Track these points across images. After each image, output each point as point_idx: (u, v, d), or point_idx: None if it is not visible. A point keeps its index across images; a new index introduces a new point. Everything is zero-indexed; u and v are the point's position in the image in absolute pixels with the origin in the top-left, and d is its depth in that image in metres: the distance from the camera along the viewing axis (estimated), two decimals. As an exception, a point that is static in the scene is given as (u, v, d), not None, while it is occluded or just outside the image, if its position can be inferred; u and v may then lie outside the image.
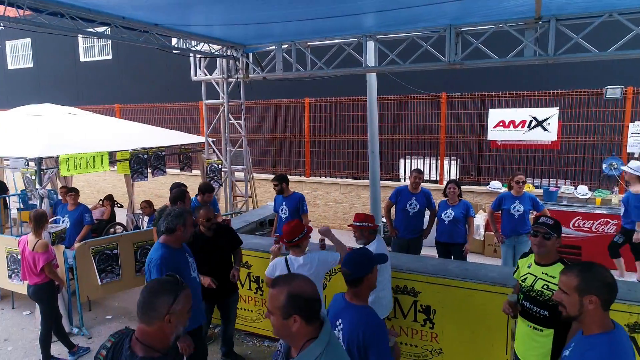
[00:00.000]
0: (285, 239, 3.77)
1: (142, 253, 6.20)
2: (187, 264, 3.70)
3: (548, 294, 2.93)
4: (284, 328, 1.87)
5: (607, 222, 6.95)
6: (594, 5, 4.73)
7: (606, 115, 7.60)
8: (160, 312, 1.92)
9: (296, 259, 3.76)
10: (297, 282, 1.90)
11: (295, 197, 6.25)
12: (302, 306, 1.84)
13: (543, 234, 2.98)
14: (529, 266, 3.18)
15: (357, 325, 2.39)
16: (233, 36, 6.34)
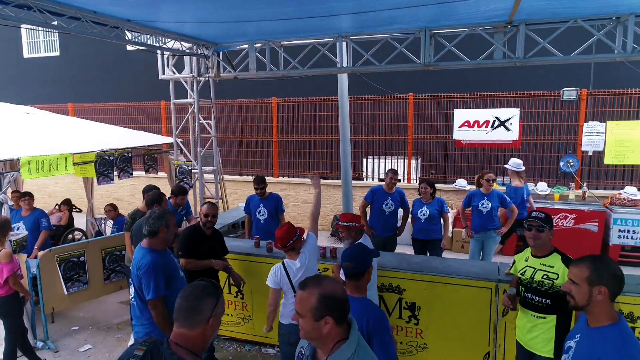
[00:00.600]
0: (279, 244, 3.70)
1: (111, 260, 5.92)
2: (175, 265, 3.58)
3: (548, 283, 3.11)
4: (314, 330, 1.84)
5: (566, 217, 7.36)
6: (561, 12, 4.99)
7: (563, 116, 8.05)
8: (205, 315, 1.91)
9: (293, 263, 3.70)
10: (328, 283, 1.89)
11: (274, 198, 6.18)
12: (333, 307, 1.83)
13: (537, 227, 3.16)
14: (526, 260, 3.34)
15: (361, 316, 2.41)
16: (205, 34, 6.18)
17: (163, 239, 3.44)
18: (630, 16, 4.90)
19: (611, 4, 4.76)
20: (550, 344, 3.11)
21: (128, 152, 6.75)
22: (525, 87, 8.42)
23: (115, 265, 5.94)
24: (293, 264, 3.67)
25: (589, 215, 7.23)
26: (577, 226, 7.29)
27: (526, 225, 3.23)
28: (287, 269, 3.65)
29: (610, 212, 7.16)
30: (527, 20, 5.23)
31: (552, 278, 3.10)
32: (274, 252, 5.09)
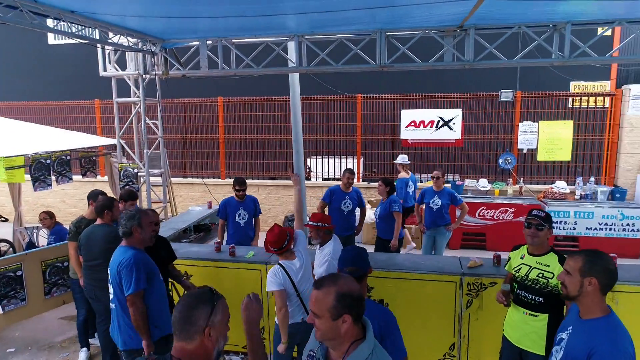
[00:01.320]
0: (274, 248, 3.59)
1: (53, 272, 5.44)
2: (155, 266, 3.41)
3: (543, 282, 3.18)
4: (332, 330, 1.81)
5: (506, 211, 7.85)
6: (506, 18, 5.31)
7: (500, 116, 8.58)
8: (199, 325, 1.79)
9: (292, 263, 3.61)
10: (344, 281, 1.86)
11: (252, 200, 6.00)
12: (351, 305, 1.81)
13: (536, 225, 3.20)
14: (521, 257, 3.40)
15: (371, 319, 2.39)
16: (152, 29, 5.84)
17: (139, 238, 3.42)
18: (567, 24, 5.32)
19: (548, 12, 5.14)
20: (541, 341, 3.18)
21: (66, 154, 6.23)
22: (466, 88, 8.87)
23: (57, 279, 5.46)
24: (292, 265, 3.59)
25: (526, 208, 7.75)
26: (516, 219, 7.80)
27: (526, 223, 3.27)
28: (287, 270, 3.55)
29: (544, 205, 7.74)
30: (477, 25, 5.50)
31: (547, 277, 3.16)
32: (237, 256, 4.95)
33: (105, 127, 10.16)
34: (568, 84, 10.27)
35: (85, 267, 4.62)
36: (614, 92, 8.33)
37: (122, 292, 3.35)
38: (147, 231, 3.45)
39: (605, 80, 10.59)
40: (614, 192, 7.74)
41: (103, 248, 4.47)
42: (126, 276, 3.27)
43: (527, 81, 9.71)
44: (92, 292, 4.61)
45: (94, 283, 4.57)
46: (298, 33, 6.04)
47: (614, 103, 8.21)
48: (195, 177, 9.92)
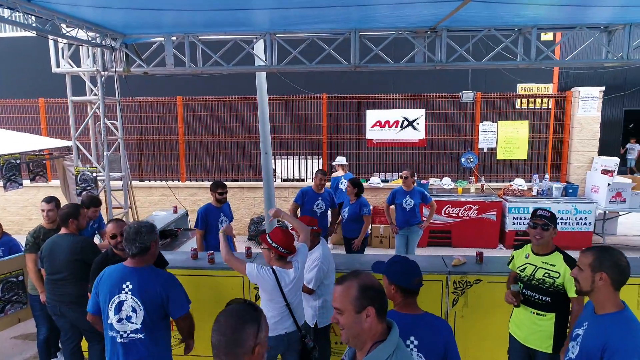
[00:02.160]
0: (283, 248, 3.39)
1: (6, 288, 4.94)
2: None
3: (549, 282, 3.18)
4: (355, 324, 1.77)
5: (470, 208, 8.10)
6: (478, 21, 5.44)
7: (462, 116, 8.84)
8: (249, 345, 1.66)
9: (286, 272, 3.40)
10: (364, 275, 1.86)
11: (227, 205, 5.70)
12: (374, 297, 1.79)
13: (542, 226, 3.19)
14: (526, 256, 3.39)
15: (438, 334, 2.34)
16: (112, 23, 5.44)
17: (153, 253, 3.07)
18: (533, 28, 5.54)
19: (516, 15, 5.33)
20: (549, 340, 3.21)
21: (16, 158, 5.69)
22: (429, 89, 9.07)
23: (12, 295, 4.96)
24: (286, 273, 3.40)
25: (489, 205, 8.05)
26: (479, 216, 8.06)
27: (531, 223, 3.26)
28: (277, 275, 3.37)
29: (505, 202, 8.06)
30: (449, 27, 5.59)
31: (553, 277, 3.16)
32: (216, 263, 4.72)
33: (51, 127, 9.43)
34: (515, 86, 10.81)
35: (49, 282, 4.22)
36: (565, 94, 8.82)
37: (162, 317, 2.99)
38: (157, 247, 3.10)
39: (548, 83, 11.24)
40: (567, 188, 8.20)
41: (68, 260, 4.11)
42: (177, 296, 3.00)
43: (478, 83, 10.11)
44: (57, 309, 4.22)
45: (59, 298, 4.19)
46: (270, 31, 5.87)
47: (565, 104, 8.70)
48: (153, 180, 9.44)
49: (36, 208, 9.46)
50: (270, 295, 3.44)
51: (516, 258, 3.56)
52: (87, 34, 5.31)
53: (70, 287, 4.16)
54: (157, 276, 2.99)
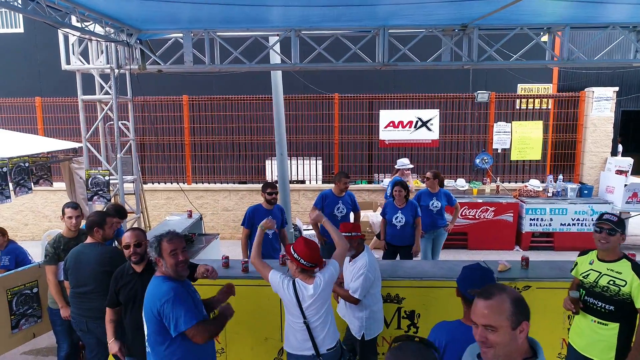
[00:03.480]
0: (305, 261, 3.13)
1: (20, 301, 4.59)
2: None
3: (614, 290, 3.03)
4: (511, 342, 1.67)
5: (487, 209, 7.99)
6: (511, 19, 5.30)
7: (476, 117, 8.73)
8: None
9: (305, 287, 3.14)
10: (510, 288, 1.77)
11: (278, 209, 5.44)
12: (527, 311, 1.71)
13: (608, 230, 3.06)
14: (590, 262, 3.26)
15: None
16: (127, 17, 5.12)
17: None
18: (565, 27, 5.43)
19: (551, 13, 5.22)
20: (611, 352, 3.06)
21: (25, 161, 5.32)
22: (443, 89, 8.95)
23: (26, 308, 4.61)
24: (305, 289, 3.12)
25: (506, 207, 7.96)
26: (496, 217, 7.96)
27: (597, 227, 3.14)
28: (297, 289, 3.13)
29: (522, 203, 7.98)
30: (480, 25, 5.44)
31: (619, 285, 3.03)
32: (250, 272, 4.47)
33: (48, 128, 8.99)
34: (515, 86, 10.80)
35: (74, 295, 3.92)
36: (579, 94, 8.79)
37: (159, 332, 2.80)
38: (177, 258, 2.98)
39: (548, 83, 11.27)
40: (582, 188, 8.17)
41: (96, 271, 3.83)
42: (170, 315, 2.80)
43: (478, 83, 10.06)
44: (83, 324, 3.93)
45: (85, 313, 3.90)
46: (294, 27, 5.63)
47: (579, 105, 8.67)
48: (157, 183, 9.08)
49: (33, 213, 9.03)
50: (289, 309, 3.23)
51: (580, 264, 3.42)
52: (105, 28, 4.99)
53: (98, 300, 3.86)
54: (156, 287, 2.85)
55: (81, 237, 4.28)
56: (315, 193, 8.91)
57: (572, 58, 5.48)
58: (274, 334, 4.39)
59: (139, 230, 3.45)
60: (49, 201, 8.93)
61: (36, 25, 10.59)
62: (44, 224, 9.05)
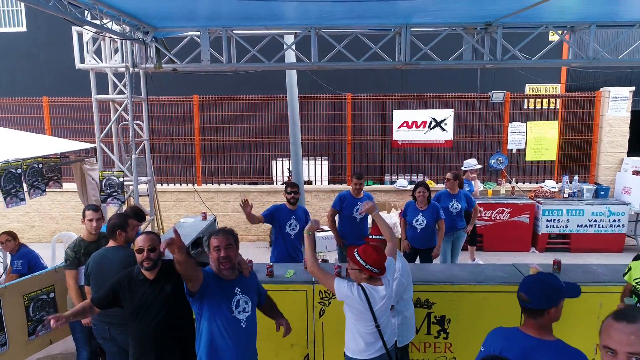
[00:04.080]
0: (377, 269, 3.03)
1: (37, 307, 4.45)
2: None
3: None
4: None
5: (503, 211, 7.88)
6: (534, 17, 5.20)
7: (490, 117, 8.63)
8: None
9: (375, 290, 3.06)
10: None
11: (303, 210, 5.32)
12: None
13: None
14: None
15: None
16: (149, 13, 4.98)
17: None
18: (591, 25, 5.33)
19: (566, 13, 5.11)
20: None
21: (38, 162, 5.18)
22: (456, 89, 8.84)
23: (43, 314, 4.47)
24: (376, 291, 3.05)
25: (522, 208, 7.85)
26: (512, 219, 7.86)
27: None
28: (367, 294, 3.02)
29: (539, 204, 7.87)
30: (504, 24, 5.34)
31: None
32: (275, 276, 4.34)
33: (55, 128, 8.84)
34: (524, 86, 10.71)
35: (96, 301, 3.77)
36: (594, 94, 8.69)
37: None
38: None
39: (556, 83, 11.19)
40: (598, 189, 8.07)
41: (121, 276, 3.69)
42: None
43: (486, 82, 9.97)
44: (105, 332, 3.78)
45: (108, 320, 3.75)
46: (314, 25, 5.50)
47: (595, 105, 8.58)
48: (166, 184, 8.93)
49: (40, 215, 8.88)
50: (359, 315, 3.10)
51: (634, 269, 3.32)
52: (122, 26, 4.85)
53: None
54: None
55: (101, 240, 4.16)
56: (327, 194, 8.81)
57: (597, 57, 5.37)
58: (300, 340, 4.27)
59: (153, 235, 3.19)
60: (56, 202, 8.78)
61: (39, 24, 10.45)
62: (51, 225, 8.89)
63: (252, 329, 3.08)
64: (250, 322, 3.02)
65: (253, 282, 3.19)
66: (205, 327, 2.91)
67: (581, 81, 11.45)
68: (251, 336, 3.07)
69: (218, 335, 2.89)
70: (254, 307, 3.07)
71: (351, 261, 3.15)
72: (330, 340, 4.24)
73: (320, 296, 4.20)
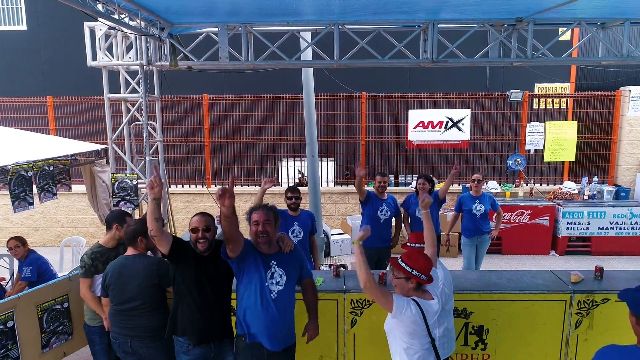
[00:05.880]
0: (425, 276, 2.85)
1: (51, 318, 4.20)
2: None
3: None
4: None
5: (522, 213, 7.69)
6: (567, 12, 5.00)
7: (508, 117, 8.44)
8: None
9: (429, 304, 2.86)
10: None
11: (308, 215, 5.09)
12: None
13: None
14: None
15: None
16: (165, 7, 4.75)
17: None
18: (625, 22, 5.14)
19: (599, 8, 4.92)
20: None
21: (49, 164, 4.94)
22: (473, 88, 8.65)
23: (57, 325, 4.22)
24: (429, 305, 2.86)
25: (542, 210, 7.67)
26: (532, 221, 7.67)
27: None
28: (423, 309, 2.81)
29: (559, 206, 7.68)
30: (536, 20, 5.14)
31: None
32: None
33: (60, 129, 8.58)
34: (533, 85, 10.53)
35: (116, 313, 3.56)
36: (614, 93, 8.51)
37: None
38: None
39: (565, 82, 11.01)
40: (619, 191, 7.89)
41: (145, 285, 3.49)
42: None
43: (496, 82, 9.81)
44: (127, 345, 3.56)
45: (129, 332, 3.54)
46: (338, 21, 5.29)
47: (615, 104, 8.40)
48: (174, 186, 8.69)
49: (44, 218, 8.62)
50: (413, 333, 2.88)
51: None
52: (137, 21, 4.62)
53: (145, 318, 3.52)
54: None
55: (119, 248, 3.93)
56: (341, 196, 8.59)
57: (631, 54, 5.18)
58: (330, 352, 4.05)
59: (208, 215, 3.21)
60: (62, 205, 8.52)
61: (40, 23, 10.18)
62: (55, 229, 8.63)
63: (286, 303, 3.10)
64: (282, 296, 3.05)
65: (294, 259, 3.21)
66: (241, 292, 3.07)
67: (590, 80, 11.29)
68: (284, 310, 3.08)
69: (250, 300, 3.01)
70: (290, 283, 3.11)
71: (396, 269, 2.93)
72: (361, 352, 4.03)
73: (352, 305, 3.99)
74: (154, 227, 2.96)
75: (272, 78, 8.84)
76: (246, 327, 3.06)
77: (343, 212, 8.62)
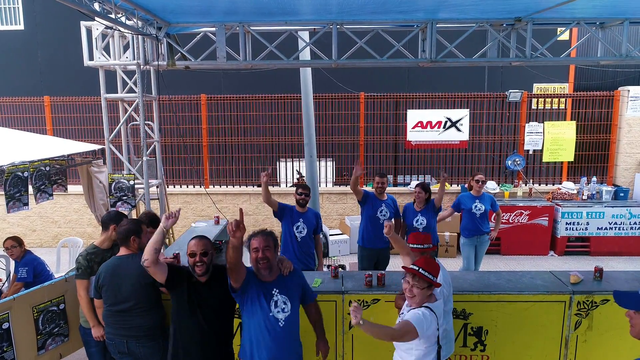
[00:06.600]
0: (437, 279, 2.86)
1: (47, 319, 4.16)
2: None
3: None
4: None
5: (521, 213, 7.67)
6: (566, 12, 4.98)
7: (507, 117, 8.42)
8: None
9: (436, 307, 2.86)
10: None
11: (313, 214, 5.12)
12: None
13: None
14: None
15: None
16: (162, 6, 4.71)
17: None
18: (624, 21, 5.12)
19: (597, 7, 4.90)
20: None
21: (46, 164, 4.90)
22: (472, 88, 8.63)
23: (53, 327, 4.19)
24: (437, 307, 2.85)
25: (540, 210, 7.65)
26: (531, 222, 7.66)
27: None
28: (437, 314, 2.81)
29: (558, 206, 7.67)
30: (535, 19, 5.12)
31: None
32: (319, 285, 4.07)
33: (57, 129, 8.54)
34: (531, 85, 10.53)
35: (111, 314, 3.53)
36: (613, 94, 8.50)
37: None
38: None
39: (564, 82, 11.01)
40: (618, 191, 7.88)
41: (139, 285, 3.45)
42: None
43: (494, 82, 9.80)
44: (123, 346, 3.53)
45: (126, 332, 3.51)
46: (336, 20, 5.26)
47: (613, 104, 8.38)
48: (172, 187, 8.65)
49: (41, 218, 8.57)
50: (428, 341, 2.85)
51: None
52: (134, 20, 4.58)
53: (140, 318, 3.50)
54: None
55: (114, 248, 3.90)
56: (339, 196, 8.56)
57: (630, 54, 5.17)
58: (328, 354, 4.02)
59: (206, 239, 3.19)
60: (58, 206, 8.48)
61: (37, 22, 10.14)
62: (52, 229, 8.59)
63: (293, 328, 3.05)
64: (290, 322, 3.00)
65: (294, 281, 3.16)
66: (246, 322, 3.03)
67: (589, 80, 11.29)
68: (291, 336, 3.04)
69: (257, 331, 2.96)
70: (294, 307, 3.05)
71: (419, 278, 2.84)
72: (360, 353, 4.00)
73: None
74: (151, 258, 2.95)
75: (270, 78, 8.81)
76: (251, 358, 3.02)
77: (341, 212, 8.59)
